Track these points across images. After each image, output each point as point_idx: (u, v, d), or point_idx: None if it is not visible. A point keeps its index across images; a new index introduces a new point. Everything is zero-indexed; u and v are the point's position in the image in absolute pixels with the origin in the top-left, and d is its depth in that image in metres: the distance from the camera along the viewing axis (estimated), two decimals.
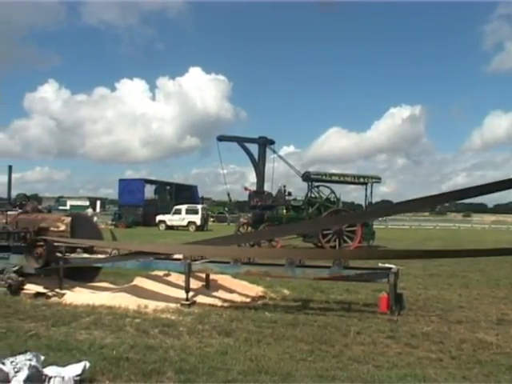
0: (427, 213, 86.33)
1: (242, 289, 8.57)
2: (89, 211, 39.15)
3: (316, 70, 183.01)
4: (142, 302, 7.24)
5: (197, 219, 40.66)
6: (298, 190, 23.63)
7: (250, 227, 21.35)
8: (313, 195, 21.59)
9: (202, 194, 60.75)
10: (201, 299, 7.65)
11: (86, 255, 8.44)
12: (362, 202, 22.36)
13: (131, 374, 4.29)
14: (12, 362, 3.88)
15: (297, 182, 24.43)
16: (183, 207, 41.53)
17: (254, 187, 22.66)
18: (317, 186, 21.87)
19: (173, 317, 6.62)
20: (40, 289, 7.88)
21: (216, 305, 7.46)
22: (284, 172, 26.11)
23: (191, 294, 7.53)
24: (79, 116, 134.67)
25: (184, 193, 53.69)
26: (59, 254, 8.13)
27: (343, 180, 22.09)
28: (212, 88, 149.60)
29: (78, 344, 5.20)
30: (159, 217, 41.69)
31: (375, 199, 23.52)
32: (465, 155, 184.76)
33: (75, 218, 8.92)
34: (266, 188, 22.54)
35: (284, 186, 22.38)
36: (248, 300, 8.03)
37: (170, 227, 40.22)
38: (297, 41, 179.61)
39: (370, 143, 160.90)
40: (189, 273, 7.42)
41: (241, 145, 23.06)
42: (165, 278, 8.39)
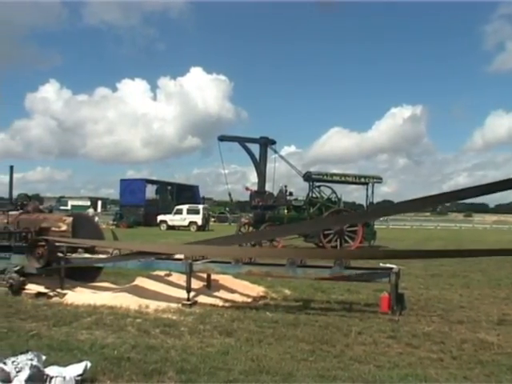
0: (428, 213, 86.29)
1: (244, 289, 8.58)
2: (90, 211, 39.19)
3: (317, 70, 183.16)
4: (144, 302, 7.24)
5: (198, 219, 40.74)
6: (300, 190, 23.64)
7: (252, 227, 21.37)
8: (314, 195, 21.59)
9: (203, 194, 60.90)
10: (202, 299, 7.65)
11: (88, 255, 8.45)
12: (363, 202, 22.40)
13: (132, 374, 4.30)
14: (13, 362, 3.88)
15: (298, 182, 24.47)
16: (184, 207, 41.60)
17: (256, 187, 22.68)
18: (318, 186, 21.88)
19: (174, 317, 6.62)
20: (41, 289, 7.89)
21: (217, 305, 7.46)
22: (285, 172, 26.08)
23: (192, 294, 7.53)
24: (80, 116, 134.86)
25: (185, 193, 53.74)
26: (60, 254, 8.14)
27: (344, 180, 22.09)
28: (213, 88, 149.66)
29: (80, 344, 5.20)
30: (160, 217, 41.77)
31: (376, 199, 23.56)
32: (466, 155, 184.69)
33: (76, 218, 8.93)
34: (268, 188, 22.57)
35: (285, 186, 22.40)
36: (249, 300, 8.03)
37: (172, 227, 40.30)
38: (298, 41, 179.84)
39: (371, 143, 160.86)
40: (190, 273, 7.42)
41: (242, 145, 23.08)
42: (166, 278, 8.40)
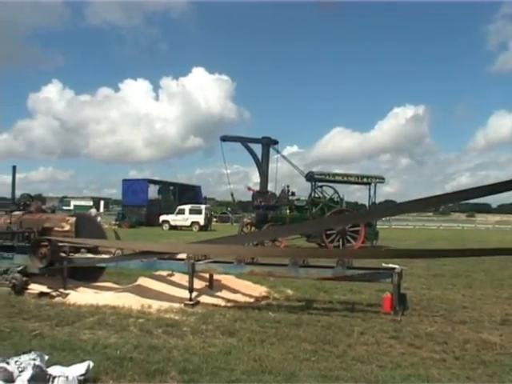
0: (431, 213, 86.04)
1: (246, 289, 8.57)
2: (92, 211, 39.29)
3: (319, 70, 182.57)
4: (146, 302, 7.25)
5: (200, 219, 40.80)
6: (302, 190, 23.65)
7: (254, 227, 21.38)
8: (316, 195, 21.59)
9: (205, 194, 60.94)
10: (204, 299, 7.66)
11: (90, 255, 8.46)
12: (366, 202, 22.41)
13: (135, 374, 4.30)
14: (16, 362, 3.89)
15: (300, 182, 24.45)
16: (187, 207, 41.66)
17: (258, 187, 22.68)
18: (320, 186, 21.89)
19: (176, 317, 6.62)
20: (44, 289, 7.91)
21: (219, 305, 7.46)
22: (287, 172, 26.07)
23: (195, 294, 7.54)
24: (83, 116, 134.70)
25: (187, 193, 53.83)
26: (63, 254, 8.16)
27: (347, 180, 22.09)
28: (215, 88, 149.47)
29: (82, 344, 5.21)
30: (163, 217, 41.85)
31: (379, 199, 23.63)
32: (468, 155, 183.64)
33: (79, 218, 8.95)
34: (270, 188, 22.58)
35: (287, 186, 22.41)
36: (251, 300, 8.03)
37: (174, 227, 40.37)
38: (300, 41, 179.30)
39: (374, 143, 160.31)
40: (192, 273, 7.42)
41: (244, 145, 23.08)
42: (168, 278, 8.39)
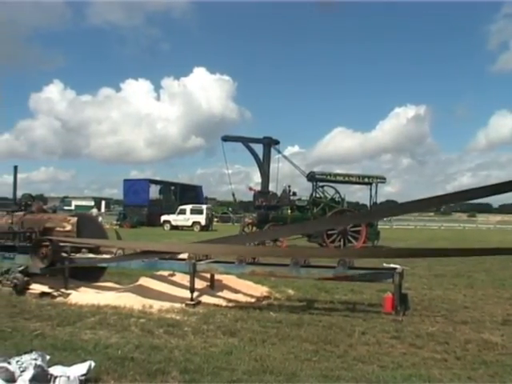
0: (432, 213, 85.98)
1: (247, 289, 8.57)
2: (94, 211, 39.20)
3: (321, 70, 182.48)
4: (147, 302, 7.25)
5: (201, 219, 40.79)
6: (303, 190, 23.65)
7: (255, 227, 21.38)
8: (317, 195, 21.59)
9: (206, 194, 61.00)
10: (205, 299, 7.66)
11: (91, 255, 8.47)
12: (367, 202, 22.38)
13: (136, 374, 4.30)
14: (18, 362, 3.90)
15: (301, 182, 24.45)
16: (188, 207, 41.65)
17: (259, 187, 22.69)
18: (321, 186, 21.88)
19: (178, 317, 6.62)
20: (45, 289, 7.92)
21: (221, 305, 7.46)
22: (289, 172, 26.08)
23: (196, 294, 7.54)
24: (84, 116, 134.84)
25: (189, 193, 53.84)
26: (64, 254, 8.16)
27: (348, 180, 22.09)
28: (217, 88, 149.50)
29: (83, 344, 5.21)
30: (164, 217, 41.84)
31: (380, 199, 23.59)
32: (470, 155, 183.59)
33: (80, 218, 8.95)
34: (271, 188, 22.58)
35: (289, 186, 22.40)
36: (253, 300, 8.04)
37: (175, 227, 40.36)
38: (301, 41, 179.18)
39: (375, 143, 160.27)
40: (193, 273, 7.42)
41: (245, 145, 23.09)
42: (170, 278, 8.40)
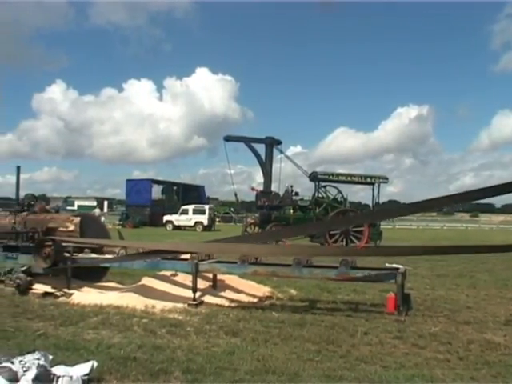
0: (435, 213, 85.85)
1: (249, 289, 8.58)
2: (96, 211, 39.27)
3: (323, 70, 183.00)
4: (150, 302, 7.26)
5: (204, 219, 40.81)
6: (305, 190, 23.68)
7: (257, 227, 21.39)
8: (320, 195, 21.59)
9: (209, 194, 60.97)
10: (208, 299, 7.66)
11: (94, 255, 8.48)
12: (369, 202, 22.39)
13: (139, 374, 4.31)
14: (21, 362, 3.91)
15: (304, 182, 24.50)
16: (190, 207, 41.67)
17: (261, 187, 22.72)
18: (324, 186, 21.88)
19: (180, 317, 6.63)
20: (48, 288, 7.92)
21: (223, 305, 7.46)
22: (291, 172, 26.13)
23: (198, 294, 7.54)
24: (87, 116, 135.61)
25: (191, 193, 53.85)
26: (67, 254, 8.18)
27: (350, 180, 22.07)
28: (219, 88, 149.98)
29: (86, 343, 5.22)
30: (166, 217, 41.85)
31: (382, 199, 23.53)
32: (472, 155, 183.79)
33: (83, 218, 8.97)
34: (273, 188, 22.61)
35: (291, 186, 22.43)
36: (255, 300, 8.03)
37: (177, 227, 40.38)
38: (304, 41, 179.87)
39: (378, 143, 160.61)
40: (196, 273, 7.42)
41: (248, 145, 23.12)
42: (172, 278, 8.41)
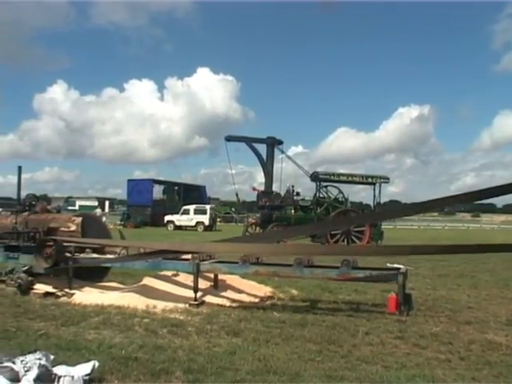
0: (436, 213, 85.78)
1: (251, 289, 8.58)
2: (97, 211, 39.33)
3: (324, 70, 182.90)
4: (151, 302, 7.26)
5: (205, 219, 40.85)
6: (307, 190, 23.75)
7: (259, 227, 21.41)
8: (321, 195, 21.61)
9: (210, 194, 61.01)
10: (209, 299, 7.66)
11: (95, 255, 8.49)
12: (371, 202, 22.42)
13: (140, 374, 4.31)
14: (22, 361, 3.91)
15: (305, 182, 24.56)
16: (191, 207, 41.72)
17: (263, 187, 22.75)
18: (325, 186, 21.90)
19: (181, 317, 6.63)
20: (49, 288, 7.93)
21: (224, 305, 7.46)
22: (292, 172, 26.13)
23: (200, 294, 7.54)
24: (88, 117, 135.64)
25: (192, 193, 53.91)
26: (68, 254, 8.18)
27: (351, 180, 22.09)
28: (220, 88, 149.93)
29: (87, 343, 5.22)
30: (167, 217, 41.92)
31: (383, 199, 23.57)
32: (474, 155, 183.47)
33: (85, 218, 8.98)
34: (275, 188, 22.64)
35: (292, 186, 22.47)
36: (256, 300, 8.03)
37: (179, 227, 40.45)
38: (305, 41, 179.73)
39: (379, 143, 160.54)
40: (197, 273, 7.42)
41: (249, 145, 23.15)
42: (173, 278, 8.42)
